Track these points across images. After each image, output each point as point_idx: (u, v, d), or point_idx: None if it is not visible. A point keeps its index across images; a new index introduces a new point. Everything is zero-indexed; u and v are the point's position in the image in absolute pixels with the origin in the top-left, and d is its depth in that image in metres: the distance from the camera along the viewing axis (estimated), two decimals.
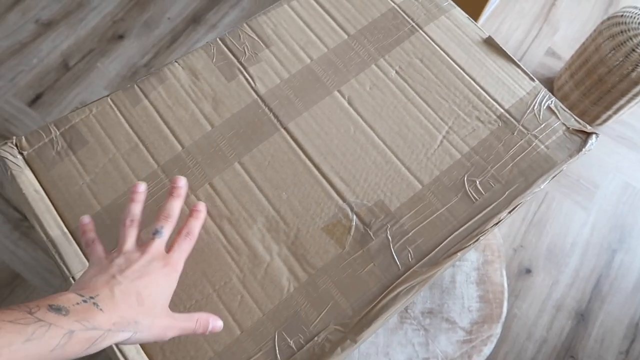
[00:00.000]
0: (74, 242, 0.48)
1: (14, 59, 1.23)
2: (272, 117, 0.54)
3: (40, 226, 0.47)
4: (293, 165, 0.52)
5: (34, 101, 1.19)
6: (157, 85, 0.55)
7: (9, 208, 1.09)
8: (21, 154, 0.51)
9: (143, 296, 0.38)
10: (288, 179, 0.51)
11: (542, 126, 0.54)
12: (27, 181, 0.50)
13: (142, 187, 0.45)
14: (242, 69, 0.56)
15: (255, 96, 0.55)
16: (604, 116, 1.24)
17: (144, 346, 0.45)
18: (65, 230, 0.49)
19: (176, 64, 0.56)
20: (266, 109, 0.54)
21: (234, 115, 0.54)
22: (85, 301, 0.34)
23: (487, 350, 0.75)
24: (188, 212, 0.47)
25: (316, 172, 0.52)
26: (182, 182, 0.47)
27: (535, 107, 0.55)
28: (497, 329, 0.76)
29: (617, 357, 1.08)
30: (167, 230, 0.44)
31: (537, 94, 0.55)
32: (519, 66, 0.57)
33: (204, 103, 0.54)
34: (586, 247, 1.17)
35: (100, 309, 0.34)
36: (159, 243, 0.43)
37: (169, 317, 0.40)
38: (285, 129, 0.54)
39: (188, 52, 0.57)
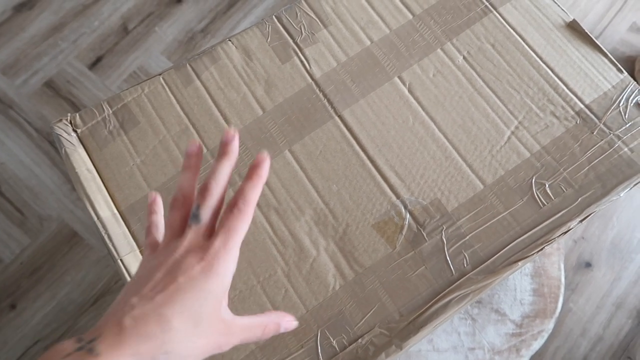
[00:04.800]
0: (123, 224, 0.48)
1: (76, 20, 1.25)
2: (327, 104, 0.51)
3: (92, 206, 0.48)
4: (346, 156, 0.49)
5: (94, 64, 1.21)
6: (210, 66, 0.53)
7: None
8: (75, 131, 0.52)
9: (168, 317, 0.27)
10: (340, 170, 0.49)
11: (627, 125, 0.48)
12: (80, 160, 0.50)
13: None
14: (297, 50, 0.53)
15: (310, 80, 0.52)
16: None
17: None
18: (115, 211, 0.49)
19: (230, 42, 0.54)
20: (320, 95, 0.51)
21: (286, 100, 0.51)
22: (80, 348, 0.26)
23: (537, 345, 0.72)
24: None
25: (370, 164, 0.49)
26: (233, 138, 0.33)
27: (622, 103, 0.49)
28: (550, 325, 0.72)
29: None
30: (205, 210, 0.31)
31: (625, 88, 0.49)
32: (605, 55, 0.50)
33: (256, 86, 0.52)
34: None
35: (96, 354, 0.26)
36: (195, 232, 0.31)
37: (223, 327, 0.30)
38: (339, 116, 0.51)
39: (242, 31, 0.54)
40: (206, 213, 0.31)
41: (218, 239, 0.30)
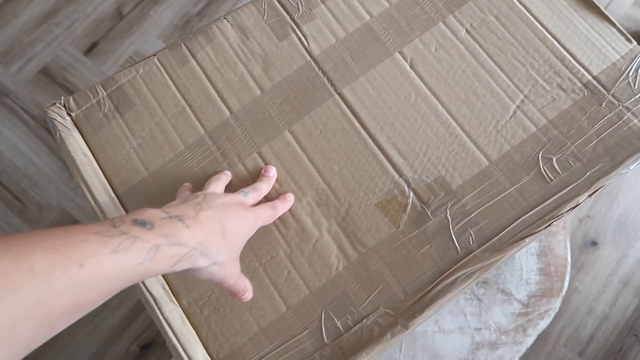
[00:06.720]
0: (121, 207, 0.47)
1: (70, 6, 1.23)
2: (326, 81, 0.50)
3: (89, 191, 0.47)
4: (347, 135, 0.48)
5: (90, 50, 1.19)
6: (205, 45, 0.51)
7: None
8: (69, 115, 0.50)
9: (226, 229, 0.37)
10: (341, 149, 0.48)
11: (637, 96, 0.46)
12: (75, 144, 0.49)
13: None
14: (294, 27, 0.52)
15: (309, 58, 0.51)
16: None
17: (190, 317, 0.44)
18: (113, 195, 0.48)
19: (225, 20, 0.52)
20: (319, 72, 0.50)
21: (285, 79, 0.50)
22: (170, 217, 0.33)
23: (544, 324, 0.71)
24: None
25: (371, 143, 0.48)
26: (273, 172, 0.48)
27: (631, 73, 0.47)
28: (556, 304, 0.72)
29: None
30: (252, 195, 0.44)
31: (635, 58, 0.47)
32: (613, 24, 0.49)
33: (253, 65, 0.51)
34: None
35: (186, 226, 0.33)
36: (243, 197, 0.42)
37: (238, 262, 0.41)
38: (339, 94, 0.49)
39: (237, 8, 0.52)
40: (252, 196, 0.44)
41: (257, 209, 0.43)
